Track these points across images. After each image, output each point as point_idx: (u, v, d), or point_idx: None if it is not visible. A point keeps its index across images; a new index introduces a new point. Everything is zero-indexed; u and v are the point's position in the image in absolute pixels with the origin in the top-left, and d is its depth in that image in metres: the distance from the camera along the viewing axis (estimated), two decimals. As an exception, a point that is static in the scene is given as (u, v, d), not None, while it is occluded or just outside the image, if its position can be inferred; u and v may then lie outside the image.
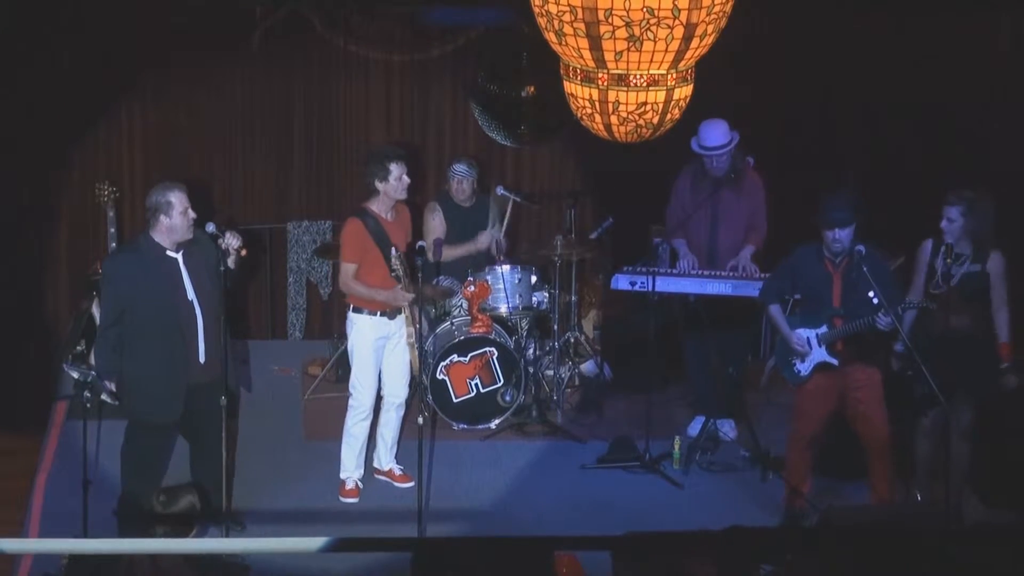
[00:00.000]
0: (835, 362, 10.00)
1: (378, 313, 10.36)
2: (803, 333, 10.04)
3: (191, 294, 9.53)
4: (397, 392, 10.56)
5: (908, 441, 10.31)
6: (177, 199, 9.45)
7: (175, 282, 9.51)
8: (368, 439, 10.57)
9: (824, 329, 9.99)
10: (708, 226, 11.17)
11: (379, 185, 10.24)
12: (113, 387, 9.55)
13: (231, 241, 9.48)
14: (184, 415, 9.67)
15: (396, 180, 10.22)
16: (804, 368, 10.07)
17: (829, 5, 12.05)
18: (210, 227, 9.47)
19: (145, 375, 9.56)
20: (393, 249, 10.14)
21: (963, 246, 9.92)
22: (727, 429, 11.24)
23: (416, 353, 10.34)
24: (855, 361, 10.01)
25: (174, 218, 9.45)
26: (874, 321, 9.74)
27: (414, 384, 10.65)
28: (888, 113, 12.13)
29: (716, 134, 10.99)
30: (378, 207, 10.31)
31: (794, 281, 10.13)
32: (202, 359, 9.58)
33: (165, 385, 9.57)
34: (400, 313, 10.31)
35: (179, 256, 9.53)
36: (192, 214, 9.48)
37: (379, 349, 10.42)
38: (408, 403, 10.69)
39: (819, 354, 10.02)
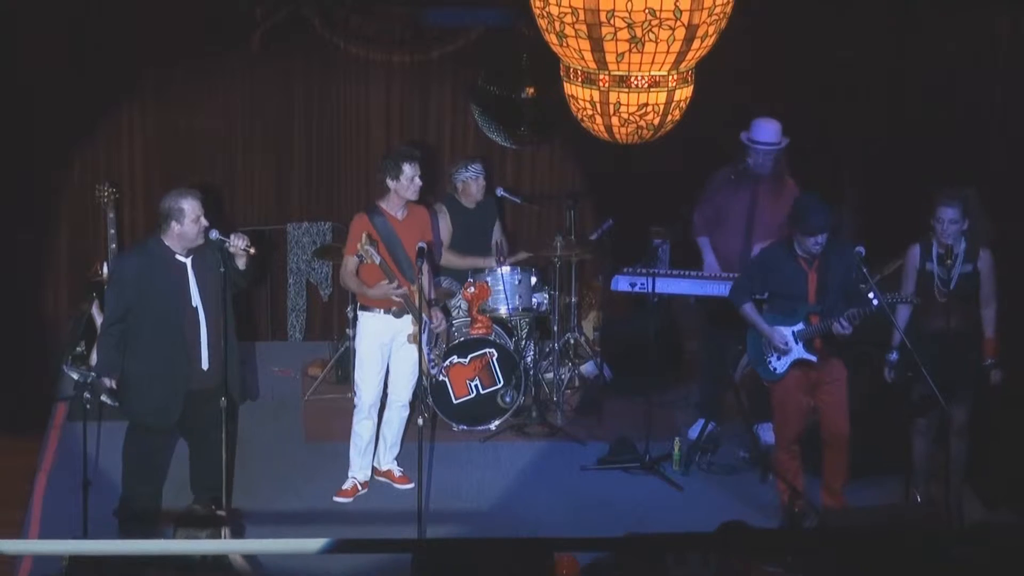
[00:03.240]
0: (814, 359, 10.00)
1: (381, 312, 10.37)
2: (781, 331, 10.03)
3: (196, 300, 9.52)
4: (399, 393, 10.56)
5: (906, 441, 10.31)
6: (189, 207, 9.44)
7: (181, 287, 9.50)
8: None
9: (801, 326, 9.99)
10: (743, 230, 11.08)
11: (390, 183, 10.30)
12: (113, 385, 9.55)
13: (237, 243, 9.47)
14: (185, 419, 9.67)
15: (407, 180, 10.26)
16: (780, 366, 10.06)
17: (829, 5, 12.05)
18: (213, 234, 9.45)
19: (143, 376, 9.56)
20: (365, 235, 10.14)
21: (957, 246, 9.92)
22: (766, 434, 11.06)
23: (424, 353, 10.35)
24: (829, 357, 10.03)
25: (185, 225, 9.44)
26: (867, 309, 9.73)
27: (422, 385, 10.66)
28: (886, 114, 12.12)
29: (770, 131, 10.96)
30: (388, 205, 10.36)
31: (764, 280, 10.13)
32: (205, 366, 9.58)
33: (162, 388, 9.56)
34: (406, 313, 10.31)
35: (188, 261, 9.52)
36: (204, 222, 9.47)
37: (382, 348, 10.43)
38: (411, 404, 10.70)
39: (797, 351, 10.01)
